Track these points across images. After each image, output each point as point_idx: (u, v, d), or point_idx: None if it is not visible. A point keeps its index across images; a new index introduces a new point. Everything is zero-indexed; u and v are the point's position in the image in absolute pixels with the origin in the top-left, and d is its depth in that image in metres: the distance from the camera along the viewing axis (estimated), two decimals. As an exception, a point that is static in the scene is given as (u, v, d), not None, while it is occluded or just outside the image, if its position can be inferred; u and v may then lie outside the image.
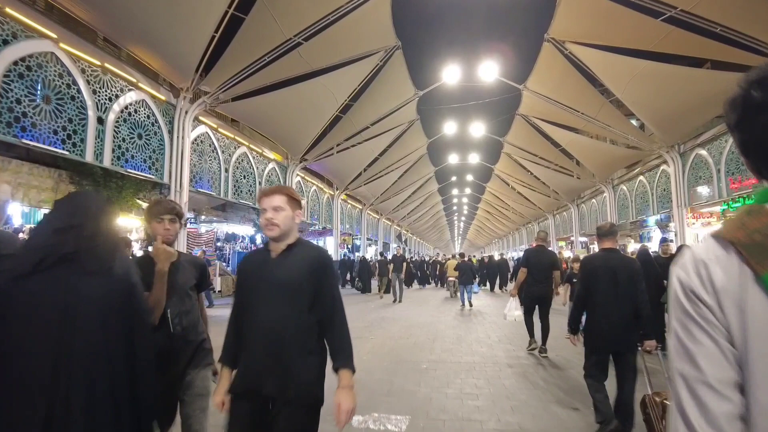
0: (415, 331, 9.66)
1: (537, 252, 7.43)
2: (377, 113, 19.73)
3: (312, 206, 23.74)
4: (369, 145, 23.09)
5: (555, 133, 22.94)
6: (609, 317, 3.80)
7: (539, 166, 28.60)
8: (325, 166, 23.35)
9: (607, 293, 3.83)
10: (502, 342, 8.55)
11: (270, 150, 19.36)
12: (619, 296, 3.79)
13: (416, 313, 12.78)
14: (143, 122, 12.10)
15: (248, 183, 17.35)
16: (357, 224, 32.56)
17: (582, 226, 31.64)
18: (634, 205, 23.20)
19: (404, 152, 26.13)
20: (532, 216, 42.35)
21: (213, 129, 15.24)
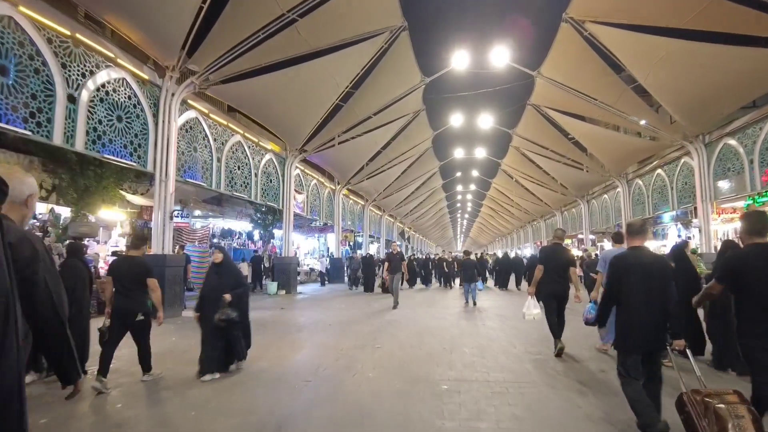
0: (428, 338, 8.36)
1: (554, 250, 7.27)
2: (381, 102, 18.41)
3: (312, 201, 22.44)
4: (372, 136, 21.78)
5: (568, 124, 21.61)
6: (643, 317, 3.66)
7: (549, 160, 27.29)
8: (326, 158, 22.04)
9: (640, 292, 3.68)
10: (530, 351, 7.25)
11: (267, 140, 18.06)
12: (651, 295, 3.66)
13: (425, 317, 11.49)
14: (123, 103, 10.81)
15: (243, 175, 16.06)
16: (359, 221, 31.28)
17: (592, 222, 30.33)
18: (650, 201, 21.86)
19: (409, 145, 24.81)
20: (538, 213, 41.02)
21: (204, 114, 13.94)
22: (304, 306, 14.37)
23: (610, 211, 26.98)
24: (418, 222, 50.88)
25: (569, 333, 7.32)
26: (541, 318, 7.20)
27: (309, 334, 9.04)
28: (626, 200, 24.05)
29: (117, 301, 5.28)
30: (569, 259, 7.24)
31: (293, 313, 12.60)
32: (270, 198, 17.94)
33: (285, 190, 18.89)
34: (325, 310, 12.99)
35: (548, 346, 7.38)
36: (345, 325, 10.10)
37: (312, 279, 25.69)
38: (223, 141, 14.89)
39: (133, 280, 5.33)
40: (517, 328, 9.54)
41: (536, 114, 21.65)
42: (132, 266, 5.43)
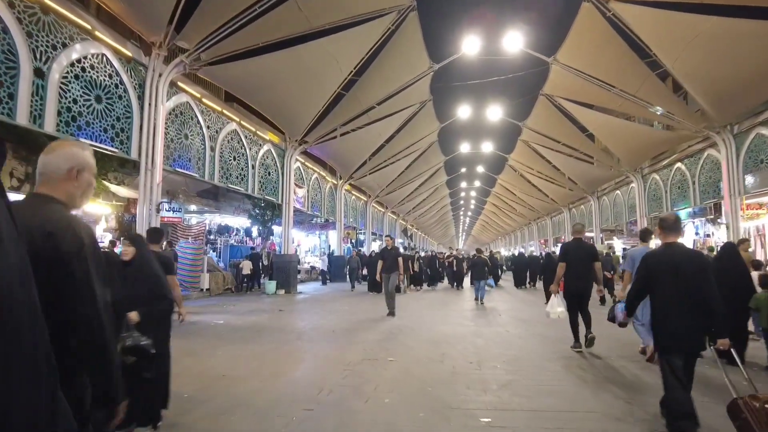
0: (447, 349, 7.16)
1: (575, 245, 7.04)
2: (386, 90, 17.20)
3: (313, 196, 21.24)
4: (376, 128, 20.57)
5: (582, 115, 20.41)
6: (678, 317, 3.45)
7: (558, 154, 26.10)
8: (328, 151, 20.84)
9: (675, 291, 3.48)
10: (571, 366, 6.06)
11: (265, 130, 16.87)
12: (687, 294, 3.44)
13: (439, 321, 10.29)
14: (103, 82, 9.62)
15: (239, 166, 14.87)
16: (362, 217, 30.10)
17: (602, 220, 29.13)
18: (669, 196, 20.65)
19: (414, 138, 23.60)
20: (545, 210, 39.80)
21: (196, 99, 12.74)
22: (304, 308, 13.21)
23: (623, 207, 25.78)
24: (421, 220, 49.68)
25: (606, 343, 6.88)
26: (566, 317, 6.93)
27: (309, 342, 7.86)
28: (641, 196, 22.84)
29: None
30: (592, 254, 7.00)
31: (292, 316, 11.43)
32: (269, 192, 16.75)
33: (285, 184, 17.70)
34: (327, 312, 11.81)
35: (590, 361, 6.22)
36: (350, 331, 8.91)
37: (313, 277, 24.52)
38: (217, 129, 13.69)
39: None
40: (545, 335, 8.35)
41: (549, 105, 20.45)
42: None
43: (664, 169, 20.93)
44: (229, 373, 5.71)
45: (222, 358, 6.50)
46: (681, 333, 3.45)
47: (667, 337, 3.55)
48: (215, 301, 14.65)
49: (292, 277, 17.59)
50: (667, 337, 3.55)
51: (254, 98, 15.05)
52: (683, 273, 3.47)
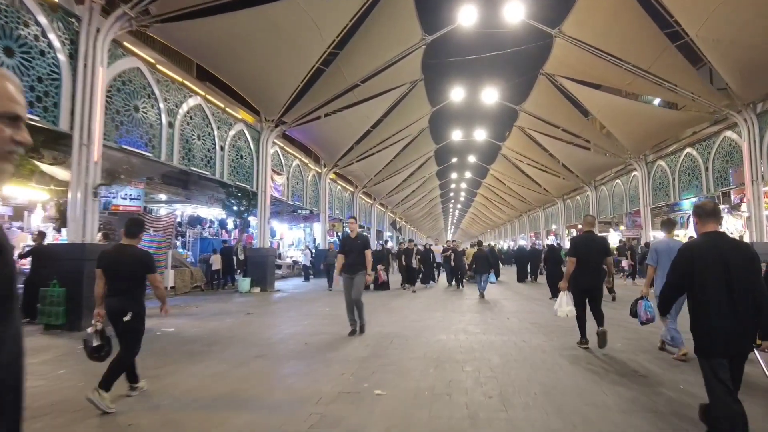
0: (454, 371, 5.32)
1: (586, 239, 6.60)
2: (374, 64, 15.25)
3: (294, 184, 19.27)
4: (362, 110, 18.64)
5: (587, 97, 18.70)
6: (724, 315, 2.95)
7: (556, 141, 24.42)
8: (310, 134, 18.86)
9: (720, 286, 2.97)
10: (651, 394, 4.28)
11: (236, 107, 14.88)
12: (734, 289, 2.95)
13: (437, 328, 8.45)
14: (16, 33, 7.58)
15: (204, 147, 12.87)
16: (348, 209, 28.17)
17: (600, 211, 27.55)
18: (677, 184, 19.06)
19: (403, 123, 21.69)
20: (538, 202, 38.23)
21: (149, 65, 10.70)
22: (278, 309, 11.30)
23: (624, 197, 24.20)
24: (410, 212, 47.87)
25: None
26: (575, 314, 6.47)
27: (272, 362, 5.97)
28: (645, 185, 21.26)
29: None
30: (605, 249, 6.56)
31: (261, 321, 9.51)
32: (241, 178, 14.77)
33: (260, 170, 15.72)
34: (303, 316, 9.93)
35: (656, 390, 4.46)
36: (327, 344, 7.03)
37: (295, 273, 22.62)
38: (177, 102, 11.67)
39: (129, 276, 4.38)
40: (573, 348, 6.56)
41: (549, 86, 18.70)
42: (128, 258, 4.40)
43: (672, 155, 19.32)
44: (137, 422, 3.83)
45: (142, 395, 4.59)
46: (727, 333, 2.98)
47: (709, 338, 3.06)
48: (178, 302, 12.70)
49: (269, 274, 15.64)
50: (709, 338, 3.06)
51: (220, 67, 13.01)
52: (733, 266, 3.00)
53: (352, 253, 7.76)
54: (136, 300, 4.39)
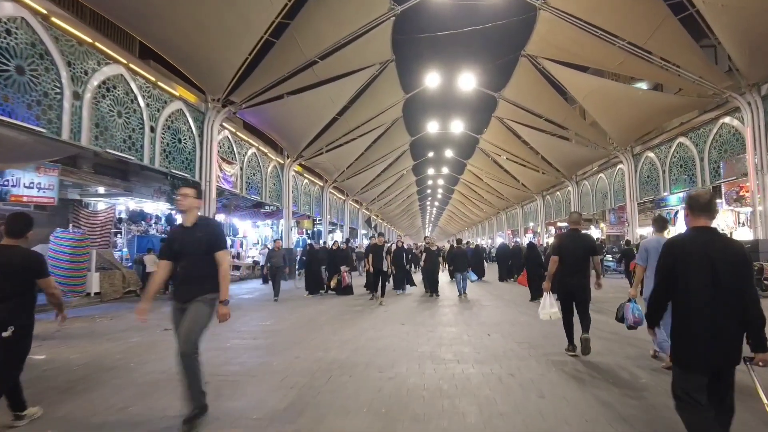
0: None
1: (571, 237, 5.94)
2: (335, 34, 13.17)
3: (250, 175, 17.00)
4: (326, 91, 16.51)
5: (572, 81, 16.93)
6: (709, 322, 2.57)
7: (538, 134, 22.69)
8: (266, 118, 16.59)
9: (706, 289, 2.58)
10: None
11: (173, 83, 12.58)
12: (723, 293, 2.57)
13: (401, 347, 6.45)
14: None
15: (128, 126, 10.57)
16: (317, 205, 25.98)
17: (582, 207, 25.96)
18: (667, 177, 17.46)
19: (375, 110, 19.64)
20: (516, 198, 36.62)
21: (37, 15, 8.39)
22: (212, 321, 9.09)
23: (608, 192, 22.62)
24: (386, 209, 45.84)
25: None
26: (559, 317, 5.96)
27: (131, 426, 3.84)
28: (631, 178, 19.66)
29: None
30: (591, 247, 5.92)
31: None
32: (179, 165, 12.52)
33: (205, 157, 13.48)
34: (233, 334, 7.75)
35: None
36: (232, 385, 4.90)
37: (256, 274, 20.35)
38: (84, 69, 9.36)
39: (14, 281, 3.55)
40: (594, 385, 4.60)
41: (531, 69, 16.90)
42: (6, 261, 3.55)
43: (662, 145, 17.70)
44: None
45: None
46: (709, 344, 2.56)
47: (689, 348, 2.62)
48: (94, 311, 10.43)
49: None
50: (689, 348, 2.62)
51: (148, 33, 10.73)
52: (721, 267, 2.57)
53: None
54: (20, 311, 3.59)
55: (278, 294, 12.16)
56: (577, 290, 5.76)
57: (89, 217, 16.21)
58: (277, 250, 12.79)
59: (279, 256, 12.55)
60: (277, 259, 12.45)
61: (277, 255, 12.60)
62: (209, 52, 11.77)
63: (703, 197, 2.79)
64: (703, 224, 2.74)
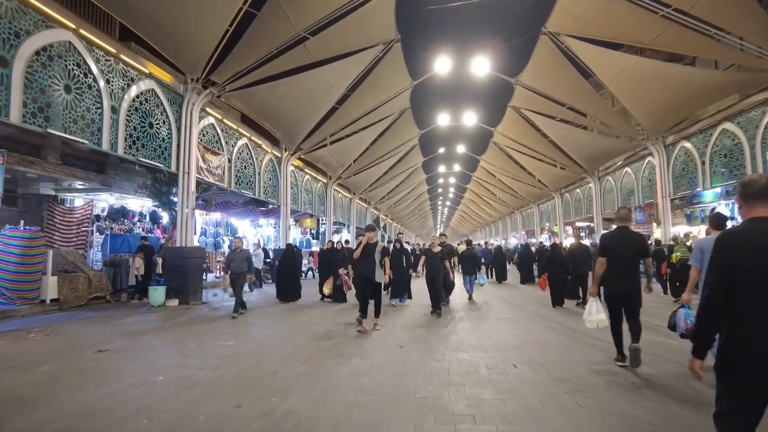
0: None
1: (619, 236, 5.33)
2: (327, 5, 11.34)
3: (241, 168, 15.20)
4: (324, 74, 14.66)
5: (598, 60, 14.82)
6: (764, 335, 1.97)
7: (557, 124, 20.57)
8: (256, 103, 14.73)
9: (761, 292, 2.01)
10: None
11: (141, 58, 10.82)
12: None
13: (393, 393, 4.59)
14: None
15: (81, 104, 8.82)
16: (321, 203, 24.15)
17: (605, 204, 23.75)
18: (707, 169, 15.25)
19: (379, 97, 17.73)
20: (532, 197, 34.38)
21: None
22: (163, 340, 7.16)
23: (635, 187, 20.38)
24: (396, 209, 43.88)
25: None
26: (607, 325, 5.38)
27: None
28: (664, 171, 17.43)
29: None
30: (642, 248, 5.26)
31: (111, 363, 5.53)
32: (149, 153, 10.75)
33: (183, 145, 11.71)
34: (177, 358, 5.93)
35: None
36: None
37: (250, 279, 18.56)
38: (16, 30, 7.63)
39: None
40: None
41: (552, 49, 14.86)
42: None
43: (701, 133, 15.50)
44: None
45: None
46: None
47: (746, 368, 2.00)
48: (43, 322, 8.71)
49: (193, 282, 11.57)
50: (746, 368, 2.00)
51: None
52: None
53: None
54: None
55: (240, 308, 9.51)
56: (627, 295, 5.20)
57: (65, 215, 14.60)
58: (238, 251, 9.75)
59: (240, 259, 9.57)
60: (238, 263, 9.51)
61: (237, 258, 9.58)
62: (182, 21, 10.02)
63: (758, 182, 2.25)
64: (761, 214, 2.18)
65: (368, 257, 7.70)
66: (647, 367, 5.06)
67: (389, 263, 8.03)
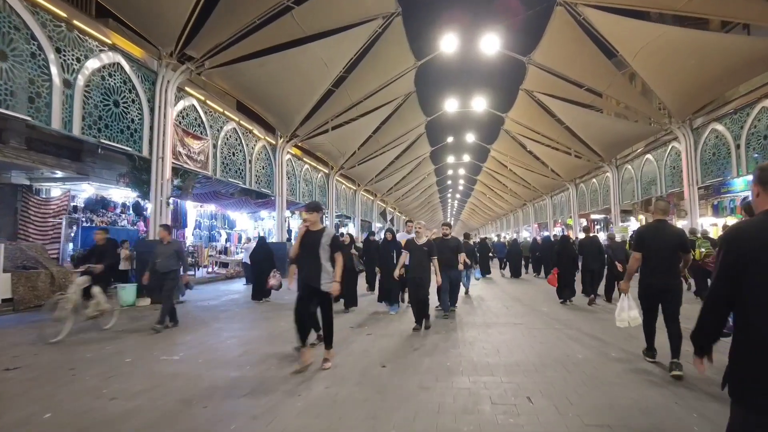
0: None
1: (656, 229, 4.84)
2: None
3: (227, 155, 13.87)
4: (320, 50, 13.24)
5: (619, 32, 13.17)
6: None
7: (572, 108, 18.91)
8: (242, 82, 13.34)
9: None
10: None
11: (104, 29, 9.50)
12: None
13: (378, 423, 3.18)
14: None
15: (21, 75, 7.56)
16: (322, 195, 22.80)
17: (623, 195, 22.05)
18: (742, 153, 13.56)
19: (380, 79, 16.25)
20: (545, 188, 32.67)
21: None
22: (99, 352, 5.88)
23: (658, 176, 18.65)
24: (403, 201, 42.38)
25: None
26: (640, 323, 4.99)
27: None
28: (691, 157, 15.72)
29: None
30: (681, 242, 4.74)
31: (7, 388, 4.24)
32: (115, 134, 9.46)
33: (157, 127, 10.41)
34: (103, 381, 4.62)
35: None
36: None
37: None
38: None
39: None
40: None
41: (569, 22, 13.30)
42: None
43: (735, 113, 13.80)
44: None
45: None
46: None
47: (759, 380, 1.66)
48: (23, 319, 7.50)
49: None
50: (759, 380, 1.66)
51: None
52: None
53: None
54: None
55: (166, 319, 7.17)
56: (669, 292, 4.72)
57: (40, 206, 13.46)
58: (165, 244, 7.45)
59: (167, 254, 7.30)
60: (164, 259, 7.25)
61: (164, 252, 7.31)
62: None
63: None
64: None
65: (309, 253, 4.86)
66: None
67: (341, 263, 4.92)
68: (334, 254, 4.89)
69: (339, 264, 4.90)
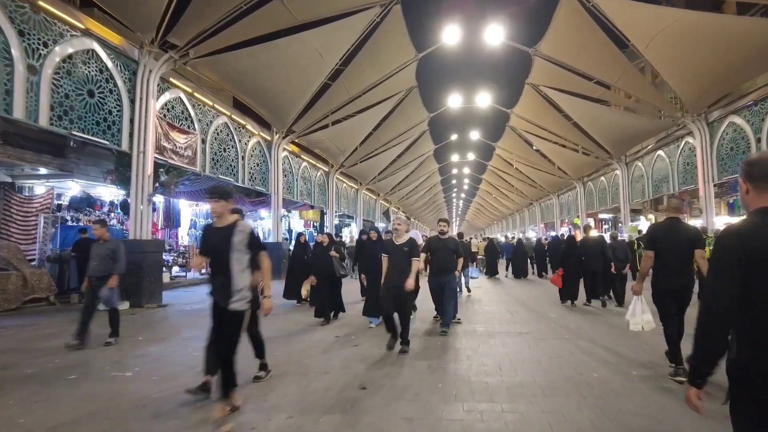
0: None
1: (669, 227, 4.63)
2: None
3: (218, 150, 13.15)
4: (314, 39, 12.49)
5: (634, 16, 12.30)
6: None
7: (579, 102, 18.03)
8: (231, 73, 12.59)
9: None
10: None
11: (77, 13, 8.81)
12: None
13: None
14: None
15: None
16: (322, 194, 22.06)
17: (633, 193, 21.12)
18: (763, 146, 12.65)
19: (380, 71, 15.47)
20: (552, 187, 31.72)
21: None
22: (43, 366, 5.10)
23: (670, 173, 17.71)
24: (407, 201, 41.55)
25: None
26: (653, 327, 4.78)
27: None
28: (706, 153, 14.81)
29: None
30: (694, 239, 4.52)
31: None
32: (89, 126, 8.77)
33: (138, 120, 9.71)
34: (25, 409, 3.89)
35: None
36: None
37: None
38: None
39: None
40: None
41: (577, 9, 12.49)
42: None
43: (756, 105, 12.89)
44: None
45: None
46: None
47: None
48: None
49: (149, 281, 9.59)
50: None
51: None
52: None
53: None
54: None
55: (85, 336, 5.96)
56: (681, 290, 4.47)
57: (23, 204, 12.79)
58: (101, 243, 6.10)
59: (102, 255, 5.99)
60: (99, 262, 5.98)
61: (98, 253, 6.01)
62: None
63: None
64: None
65: (217, 258, 3.59)
66: None
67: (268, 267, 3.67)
68: (257, 257, 3.57)
69: (265, 269, 3.60)
